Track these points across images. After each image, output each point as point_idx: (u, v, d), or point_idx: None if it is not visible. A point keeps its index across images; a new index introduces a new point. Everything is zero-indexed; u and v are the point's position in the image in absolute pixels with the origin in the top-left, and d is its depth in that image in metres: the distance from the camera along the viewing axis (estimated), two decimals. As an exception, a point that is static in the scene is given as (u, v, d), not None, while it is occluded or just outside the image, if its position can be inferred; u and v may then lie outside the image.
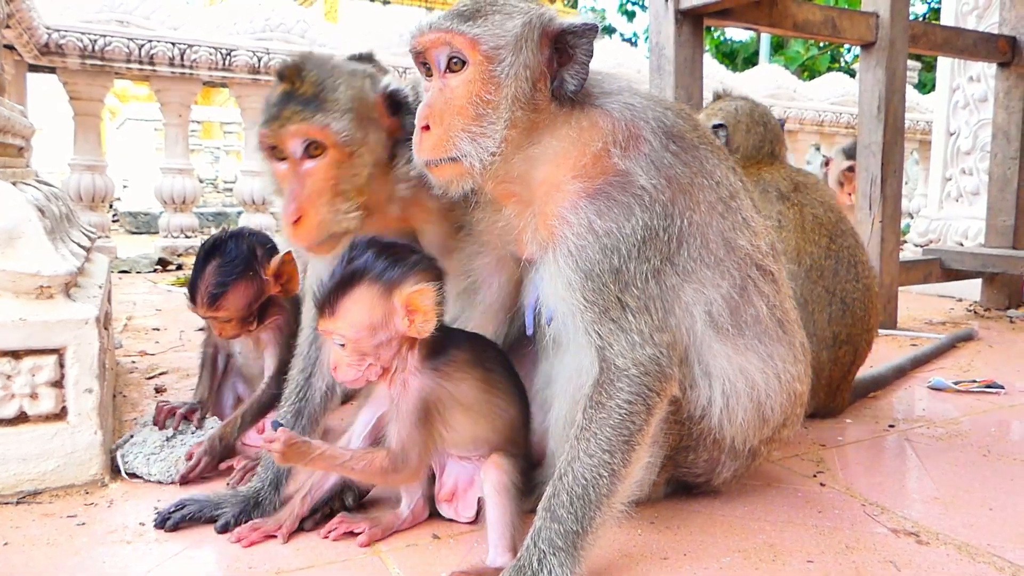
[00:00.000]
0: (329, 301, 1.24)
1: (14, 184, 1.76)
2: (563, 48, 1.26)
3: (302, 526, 1.38)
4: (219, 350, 1.85)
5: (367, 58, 2.04)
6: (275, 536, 1.34)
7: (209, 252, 1.69)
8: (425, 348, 1.30)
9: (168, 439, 1.67)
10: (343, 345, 1.25)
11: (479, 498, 1.36)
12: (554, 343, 1.34)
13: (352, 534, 1.34)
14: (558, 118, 1.29)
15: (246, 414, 1.70)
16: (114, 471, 1.61)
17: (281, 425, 1.22)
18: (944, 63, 4.55)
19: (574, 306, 1.23)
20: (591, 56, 1.26)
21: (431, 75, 1.28)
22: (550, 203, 1.27)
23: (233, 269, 1.66)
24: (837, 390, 2.12)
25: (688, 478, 1.47)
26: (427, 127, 1.26)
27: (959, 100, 4.49)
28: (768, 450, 1.52)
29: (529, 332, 1.45)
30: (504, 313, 1.52)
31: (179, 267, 5.41)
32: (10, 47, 4.57)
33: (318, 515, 1.40)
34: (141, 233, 9.40)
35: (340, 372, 1.27)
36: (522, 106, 1.25)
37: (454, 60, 1.25)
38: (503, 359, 1.44)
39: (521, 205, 1.32)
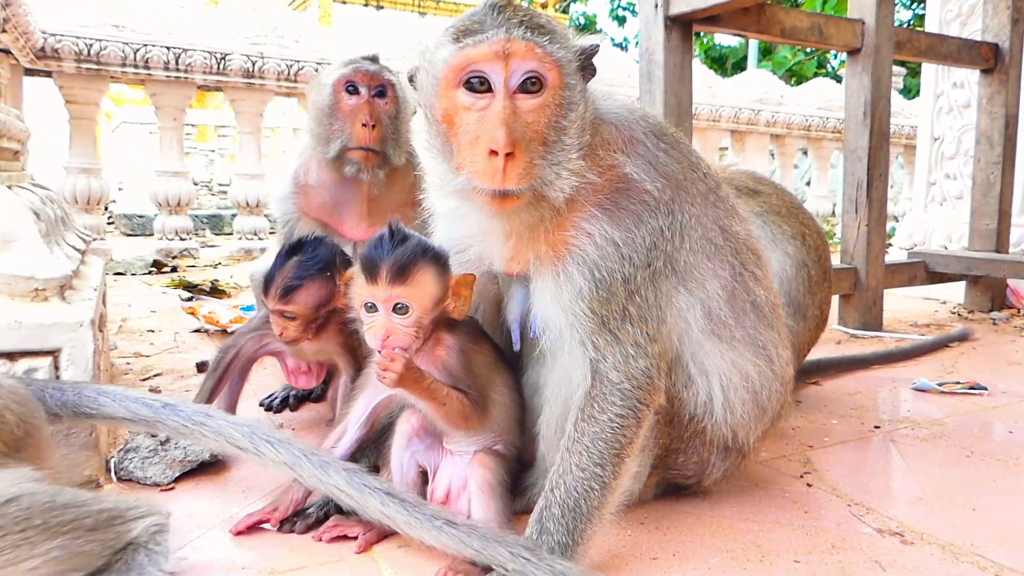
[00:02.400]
0: (401, 268, 1.27)
1: (9, 188, 1.77)
2: (585, 66, 1.25)
3: (293, 527, 1.39)
4: (239, 357, 1.86)
5: (374, 60, 2.09)
6: (267, 521, 1.36)
7: (292, 249, 1.73)
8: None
9: (162, 443, 1.68)
10: (405, 313, 1.29)
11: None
12: (542, 353, 1.36)
13: (346, 537, 1.35)
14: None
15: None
16: (108, 473, 1.62)
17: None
18: (929, 69, 4.62)
19: (576, 316, 1.23)
20: (594, 71, 1.27)
21: (477, 91, 1.15)
22: (565, 215, 1.25)
23: (313, 267, 1.69)
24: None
25: (678, 480, 1.49)
26: (511, 154, 1.13)
27: (943, 106, 4.56)
28: (759, 447, 1.54)
29: (516, 347, 1.47)
30: (492, 330, 1.53)
31: (174, 269, 5.41)
32: (6, 51, 4.57)
33: (312, 518, 1.41)
34: (136, 235, 9.38)
35: (394, 338, 1.28)
36: (587, 130, 1.23)
37: (531, 80, 1.14)
38: (502, 352, 1.48)
39: (533, 220, 1.25)
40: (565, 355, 1.29)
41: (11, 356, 1.50)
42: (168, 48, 5.41)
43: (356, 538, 1.34)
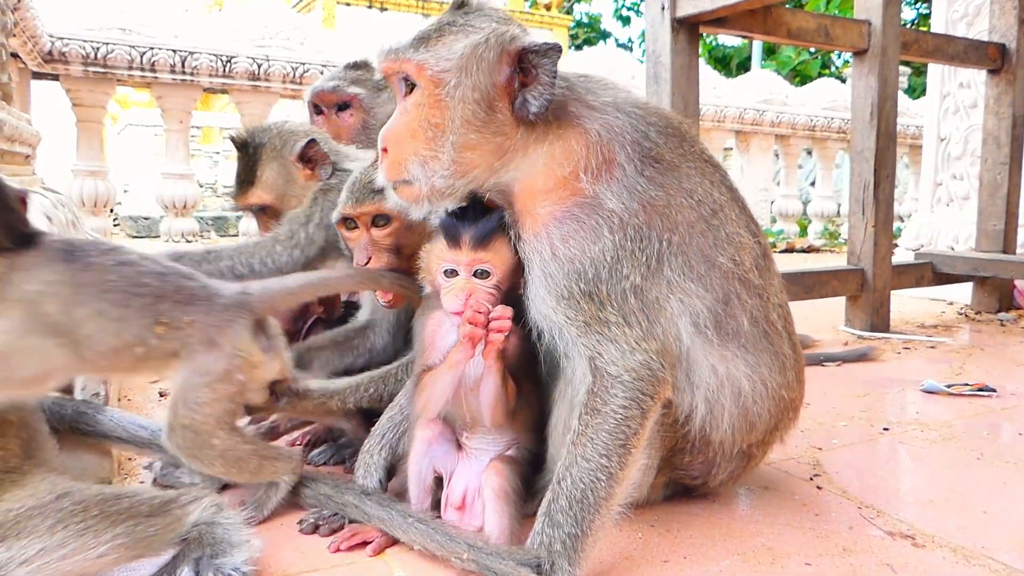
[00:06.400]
0: (484, 235, 1.31)
1: (22, 193, 1.78)
2: (527, 68, 1.24)
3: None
4: None
5: (363, 65, 2.11)
6: None
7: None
8: None
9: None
10: (486, 277, 1.33)
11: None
12: (552, 351, 1.36)
13: (364, 544, 1.35)
14: (530, 139, 1.28)
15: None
16: (122, 476, 1.63)
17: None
18: (935, 69, 4.60)
19: (552, 320, 1.26)
20: (554, 76, 1.23)
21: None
22: (524, 225, 1.30)
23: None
24: None
25: (685, 480, 1.50)
26: (385, 149, 1.29)
27: (950, 106, 4.55)
28: (762, 453, 1.53)
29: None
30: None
31: (178, 272, 5.42)
32: (14, 55, 4.59)
33: (324, 524, 1.41)
34: (142, 237, 9.40)
35: (476, 296, 1.31)
36: (477, 128, 1.24)
37: (408, 84, 1.27)
38: None
39: (512, 221, 1.34)
40: (570, 356, 1.30)
41: (24, 360, 1.51)
42: (174, 51, 5.43)
43: (372, 542, 1.34)
